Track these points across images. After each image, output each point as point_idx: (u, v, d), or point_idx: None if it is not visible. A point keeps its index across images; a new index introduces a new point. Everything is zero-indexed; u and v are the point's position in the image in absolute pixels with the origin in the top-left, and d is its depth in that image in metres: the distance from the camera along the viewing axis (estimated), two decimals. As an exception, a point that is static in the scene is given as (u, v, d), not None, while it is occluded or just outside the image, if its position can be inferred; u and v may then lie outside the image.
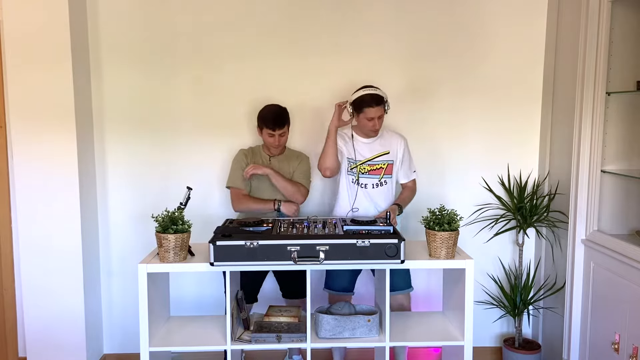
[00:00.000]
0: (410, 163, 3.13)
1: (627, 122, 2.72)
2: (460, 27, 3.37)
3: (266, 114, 3.06)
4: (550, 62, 3.33)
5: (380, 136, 3.06)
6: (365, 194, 3.03)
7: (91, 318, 3.35)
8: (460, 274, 2.61)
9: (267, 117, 3.04)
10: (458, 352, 2.64)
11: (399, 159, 3.07)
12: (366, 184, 3.03)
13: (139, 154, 3.40)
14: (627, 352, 2.47)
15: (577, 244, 2.83)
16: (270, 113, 3.06)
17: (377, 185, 3.03)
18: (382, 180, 3.03)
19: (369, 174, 3.03)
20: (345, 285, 3.11)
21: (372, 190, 3.03)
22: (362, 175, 3.02)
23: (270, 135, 3.05)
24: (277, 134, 3.05)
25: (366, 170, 3.02)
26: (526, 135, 3.46)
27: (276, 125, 3.03)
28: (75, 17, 3.14)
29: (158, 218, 2.54)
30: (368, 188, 3.03)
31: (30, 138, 3.11)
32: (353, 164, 3.03)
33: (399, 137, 3.09)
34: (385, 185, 3.04)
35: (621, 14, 2.63)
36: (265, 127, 3.04)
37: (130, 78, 3.35)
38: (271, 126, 3.03)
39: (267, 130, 3.04)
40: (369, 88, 2.92)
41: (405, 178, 3.13)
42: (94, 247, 3.40)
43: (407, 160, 3.11)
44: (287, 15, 3.34)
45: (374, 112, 2.89)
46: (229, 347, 2.57)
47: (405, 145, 3.09)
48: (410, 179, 3.14)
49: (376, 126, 2.94)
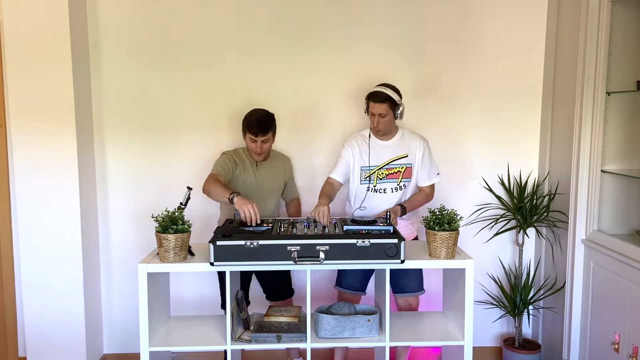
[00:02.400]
0: (432, 166, 3.03)
1: (627, 122, 2.72)
2: (460, 27, 3.37)
3: (250, 118, 2.94)
4: (550, 62, 3.33)
5: (400, 138, 3.00)
6: (380, 199, 2.97)
7: (91, 318, 3.35)
8: (460, 274, 2.61)
9: (250, 121, 2.92)
10: (458, 352, 2.64)
11: (418, 162, 2.99)
12: (384, 189, 2.97)
13: (139, 154, 3.40)
14: (627, 352, 2.48)
15: (577, 244, 2.83)
16: (255, 118, 2.94)
17: (395, 190, 2.97)
18: (400, 184, 2.97)
19: (387, 178, 2.96)
20: (357, 284, 3.08)
21: (390, 195, 2.97)
22: (379, 181, 2.96)
23: (253, 140, 2.94)
24: (259, 140, 2.93)
25: (384, 175, 2.96)
26: (526, 135, 3.46)
27: (260, 130, 2.91)
28: (75, 17, 3.15)
29: (158, 218, 2.54)
30: (387, 193, 2.97)
31: (30, 138, 3.11)
32: (367, 172, 2.97)
33: (419, 139, 3.01)
34: (404, 189, 2.98)
35: (621, 14, 2.63)
36: (249, 131, 2.93)
37: (131, 78, 3.35)
38: (254, 131, 2.91)
39: (250, 135, 2.93)
40: (383, 86, 2.90)
41: (425, 181, 3.02)
42: (94, 247, 3.40)
43: (428, 163, 3.01)
44: (287, 15, 3.34)
45: (376, 108, 2.86)
46: (229, 347, 2.57)
47: (425, 148, 3.00)
48: (432, 182, 3.04)
49: (378, 125, 2.89)
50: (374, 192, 2.97)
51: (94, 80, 3.34)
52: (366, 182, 2.98)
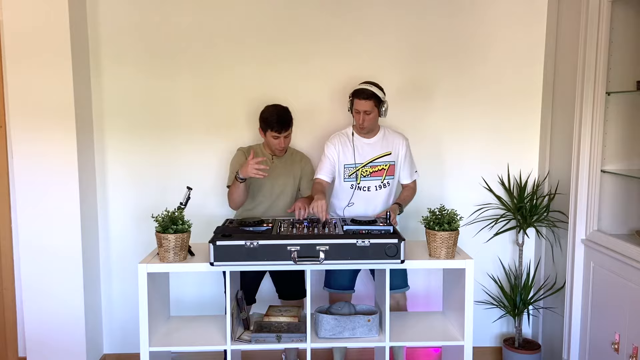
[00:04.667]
0: (412, 163, 3.11)
1: (627, 122, 2.72)
2: (460, 27, 3.37)
3: (270, 116, 2.95)
4: (550, 62, 3.33)
5: (383, 136, 3.04)
6: (366, 197, 2.99)
7: (91, 318, 3.35)
8: (460, 274, 2.61)
9: (271, 119, 2.94)
10: (458, 352, 2.64)
11: (401, 160, 3.04)
12: (368, 187, 2.99)
13: (139, 154, 3.40)
14: (627, 352, 2.48)
15: (577, 244, 2.83)
16: (275, 115, 2.95)
17: (379, 188, 3.00)
18: (384, 182, 3.00)
19: (370, 176, 2.99)
20: (346, 283, 3.10)
21: (375, 193, 3.00)
22: (363, 179, 2.98)
23: (276, 137, 2.97)
24: (282, 136, 2.97)
25: (368, 173, 2.99)
26: (526, 135, 3.46)
27: (282, 127, 2.95)
28: (75, 17, 3.15)
29: (158, 218, 2.54)
30: (371, 191, 3.00)
31: (30, 137, 3.11)
32: (352, 169, 2.99)
33: (401, 137, 3.07)
34: (388, 187, 3.02)
35: (621, 14, 2.63)
36: (270, 129, 2.95)
37: (131, 78, 3.35)
38: (277, 128, 2.94)
39: (273, 132, 2.95)
40: (367, 84, 2.92)
41: (407, 179, 3.10)
42: (94, 247, 3.40)
43: (409, 160, 3.08)
44: (287, 16, 3.34)
45: (362, 105, 2.87)
46: (229, 347, 2.57)
47: (407, 146, 3.06)
48: (413, 179, 3.12)
49: (363, 122, 2.89)
50: (359, 189, 2.99)
51: (94, 80, 3.34)
52: (350, 180, 3.00)
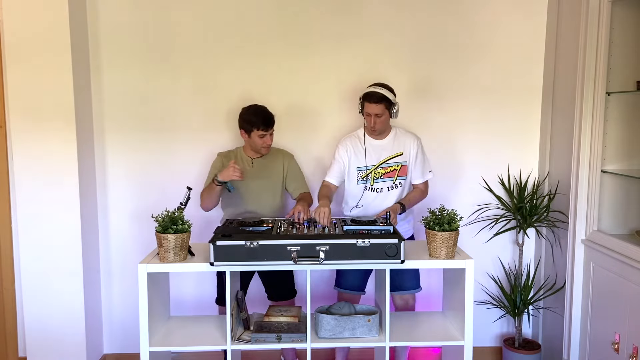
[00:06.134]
0: (425, 163, 3.04)
1: (627, 122, 2.72)
2: (460, 27, 3.37)
3: (255, 116, 3.00)
4: (550, 62, 3.33)
5: (394, 137, 3.01)
6: (377, 198, 2.97)
7: (91, 318, 3.35)
8: (460, 274, 2.61)
9: (256, 119, 2.99)
10: (458, 352, 2.64)
11: (412, 160, 3.00)
12: (381, 188, 2.97)
13: (139, 154, 3.40)
14: (627, 352, 2.47)
15: (577, 244, 2.83)
16: (260, 113, 3.01)
17: (391, 188, 2.97)
18: (396, 182, 2.98)
19: (383, 177, 2.97)
20: (357, 284, 3.09)
21: (386, 194, 2.97)
22: (376, 181, 2.97)
23: (262, 136, 3.01)
24: (268, 134, 3.02)
25: (380, 175, 2.97)
26: (526, 135, 3.46)
27: (268, 124, 3.00)
28: (75, 17, 3.15)
29: (158, 218, 2.54)
30: (383, 192, 2.98)
31: (30, 138, 3.11)
32: (364, 172, 2.98)
33: (413, 137, 3.03)
34: (399, 187, 2.99)
35: (621, 14, 2.63)
36: (256, 128, 2.98)
37: (131, 78, 3.35)
38: (263, 127, 2.98)
39: (259, 131, 2.99)
40: (377, 86, 2.90)
41: (419, 179, 3.04)
42: (94, 247, 3.40)
43: (422, 160, 3.02)
44: (288, 15, 3.34)
45: (373, 109, 2.86)
46: (229, 347, 2.57)
47: (418, 145, 3.01)
48: (425, 179, 3.05)
49: (374, 125, 2.89)
50: (371, 191, 2.98)
51: (94, 81, 3.34)
52: (363, 182, 2.98)
